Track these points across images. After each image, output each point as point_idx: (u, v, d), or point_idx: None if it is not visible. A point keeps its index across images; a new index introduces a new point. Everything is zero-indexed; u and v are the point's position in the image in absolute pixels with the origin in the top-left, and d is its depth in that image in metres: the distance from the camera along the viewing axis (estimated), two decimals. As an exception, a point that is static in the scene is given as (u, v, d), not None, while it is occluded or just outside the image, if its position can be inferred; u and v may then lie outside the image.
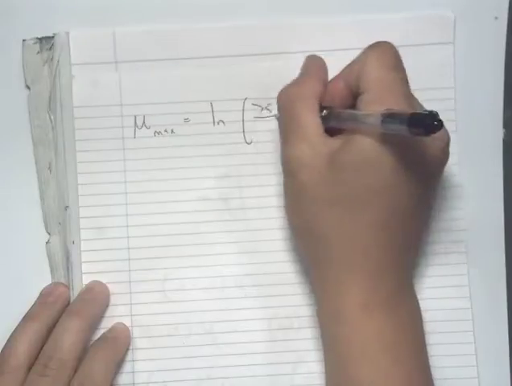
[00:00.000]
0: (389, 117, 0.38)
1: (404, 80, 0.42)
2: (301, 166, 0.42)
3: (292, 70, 0.48)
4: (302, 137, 0.43)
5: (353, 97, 0.43)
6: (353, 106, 0.43)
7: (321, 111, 0.43)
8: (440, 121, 0.36)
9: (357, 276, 0.42)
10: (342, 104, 0.44)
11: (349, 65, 0.44)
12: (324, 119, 0.43)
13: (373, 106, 0.40)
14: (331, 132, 0.43)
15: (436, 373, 0.46)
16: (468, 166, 0.49)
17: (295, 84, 0.45)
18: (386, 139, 0.40)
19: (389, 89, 0.41)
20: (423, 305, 0.44)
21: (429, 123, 0.36)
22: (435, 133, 0.36)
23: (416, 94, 0.48)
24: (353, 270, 0.42)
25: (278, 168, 0.48)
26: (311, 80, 0.45)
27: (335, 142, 0.42)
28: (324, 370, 0.45)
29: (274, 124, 0.49)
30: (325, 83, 0.45)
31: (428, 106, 0.48)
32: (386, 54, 0.42)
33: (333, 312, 0.43)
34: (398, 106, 0.40)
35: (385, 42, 0.43)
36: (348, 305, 0.42)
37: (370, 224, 0.41)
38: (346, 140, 0.41)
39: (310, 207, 0.43)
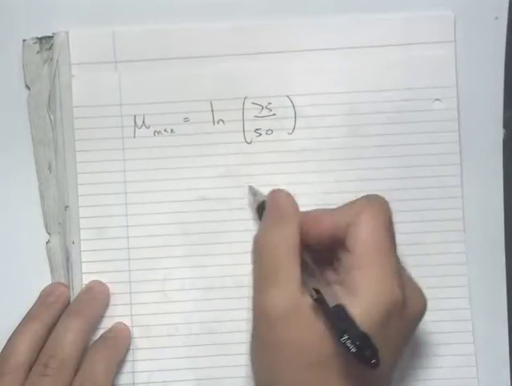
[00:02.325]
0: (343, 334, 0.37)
1: (393, 248, 0.41)
2: (280, 318, 0.40)
3: (292, 69, 0.48)
4: (283, 288, 0.40)
5: (333, 241, 0.42)
6: (330, 248, 0.43)
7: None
8: (376, 361, 0.36)
9: None
10: (319, 242, 0.42)
11: (343, 210, 0.42)
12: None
13: (354, 271, 0.40)
14: None
15: (436, 373, 0.46)
16: (468, 166, 0.49)
17: (278, 226, 0.43)
18: None
19: (375, 260, 0.40)
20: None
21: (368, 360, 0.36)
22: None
23: (418, 93, 0.49)
24: None
25: (278, 168, 0.49)
26: (294, 226, 0.42)
27: (308, 299, 0.40)
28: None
29: (274, 123, 0.49)
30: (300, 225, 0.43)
31: (430, 106, 0.48)
32: (380, 217, 0.41)
33: None
34: (382, 278, 0.40)
35: (381, 200, 0.42)
36: None
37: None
38: None
39: (284, 366, 0.40)
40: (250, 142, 0.49)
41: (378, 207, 0.42)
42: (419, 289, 0.43)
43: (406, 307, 0.40)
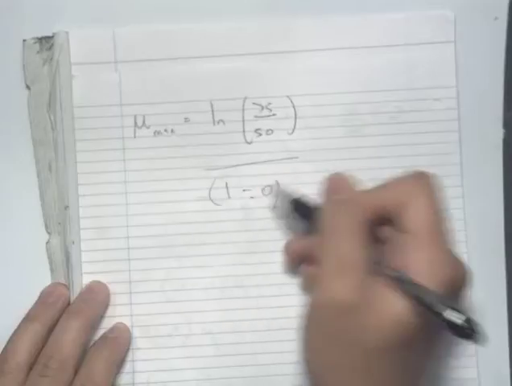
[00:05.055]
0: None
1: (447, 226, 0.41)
2: (349, 307, 0.39)
3: (292, 69, 0.48)
4: (350, 276, 0.40)
5: (380, 218, 0.41)
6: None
7: None
8: (477, 334, 0.35)
9: None
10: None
11: (389, 188, 0.42)
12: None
13: (418, 253, 0.39)
14: None
15: (436, 374, 0.46)
16: (468, 166, 0.49)
17: (341, 211, 0.42)
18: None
19: (435, 241, 0.40)
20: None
21: (467, 330, 0.36)
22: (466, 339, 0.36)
23: (418, 93, 0.49)
24: None
25: (279, 168, 0.49)
26: (358, 207, 0.41)
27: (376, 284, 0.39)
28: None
29: (274, 123, 0.49)
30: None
31: (430, 106, 0.48)
32: (434, 196, 0.41)
33: None
34: (442, 259, 0.39)
35: (430, 176, 0.42)
36: None
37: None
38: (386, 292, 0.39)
39: (355, 356, 0.39)
40: (250, 142, 0.49)
41: (430, 184, 0.41)
42: (463, 263, 0.41)
43: (462, 286, 0.40)
